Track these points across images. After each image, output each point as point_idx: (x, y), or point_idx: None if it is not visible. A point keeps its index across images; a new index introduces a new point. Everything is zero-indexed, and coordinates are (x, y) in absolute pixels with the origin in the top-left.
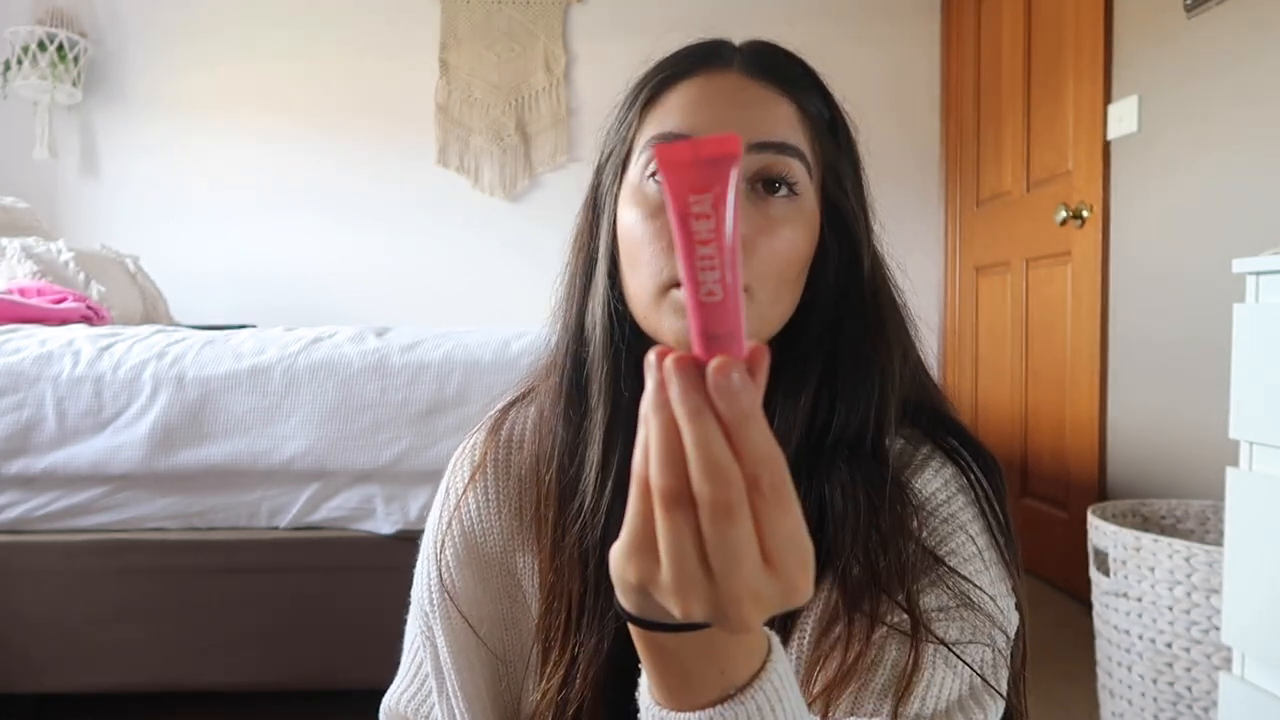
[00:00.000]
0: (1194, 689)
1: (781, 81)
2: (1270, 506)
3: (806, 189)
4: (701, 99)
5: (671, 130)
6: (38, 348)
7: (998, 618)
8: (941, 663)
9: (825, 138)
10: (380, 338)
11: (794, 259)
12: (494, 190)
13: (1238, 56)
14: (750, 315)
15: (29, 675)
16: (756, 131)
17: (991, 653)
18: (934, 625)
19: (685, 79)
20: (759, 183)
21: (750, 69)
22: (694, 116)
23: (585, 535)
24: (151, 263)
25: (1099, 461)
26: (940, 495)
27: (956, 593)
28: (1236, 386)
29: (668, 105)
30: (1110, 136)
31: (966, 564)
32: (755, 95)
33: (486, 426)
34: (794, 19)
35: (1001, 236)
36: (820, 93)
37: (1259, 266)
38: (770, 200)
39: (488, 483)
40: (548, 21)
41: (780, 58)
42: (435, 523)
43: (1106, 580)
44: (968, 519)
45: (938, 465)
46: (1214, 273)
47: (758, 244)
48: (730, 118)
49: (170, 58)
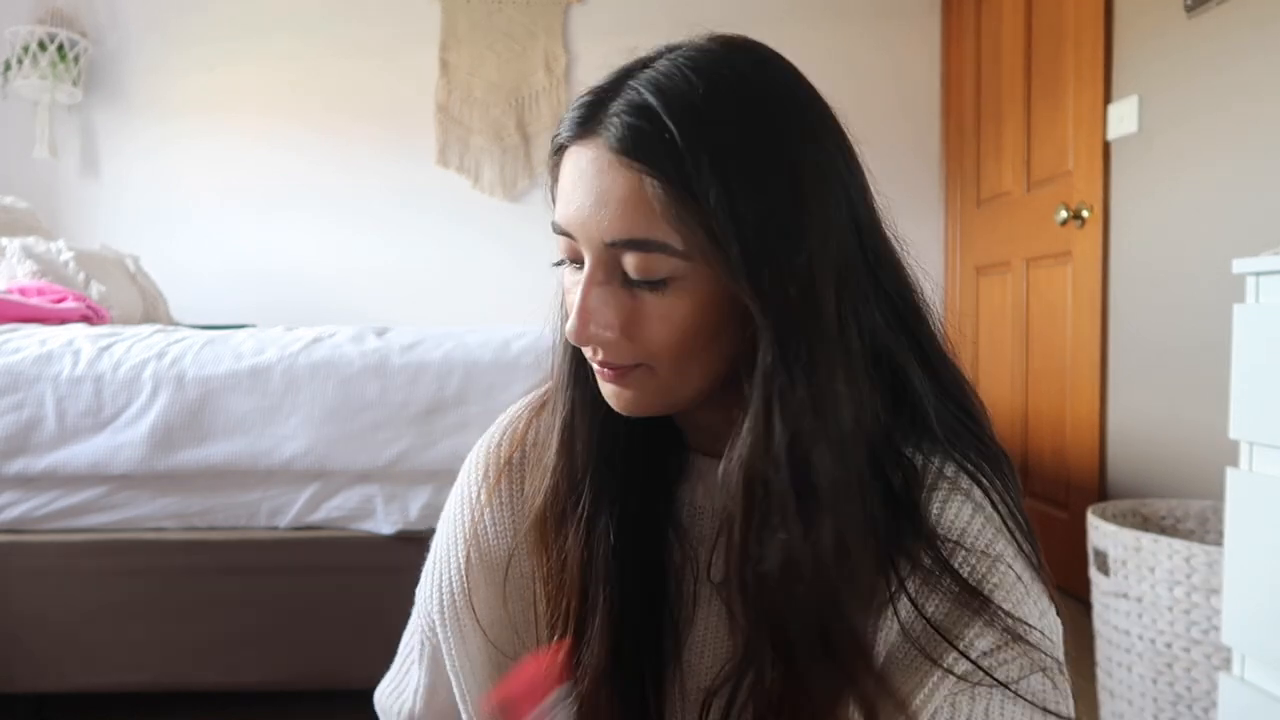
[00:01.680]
0: (1194, 689)
1: (638, 155)
2: (1270, 506)
3: (681, 270)
4: (572, 187)
5: (559, 222)
6: (38, 347)
7: (1045, 645)
8: (1009, 703)
9: (706, 209)
10: (380, 338)
11: (682, 334)
12: (494, 190)
13: (1238, 56)
14: (657, 385)
15: (29, 675)
16: (611, 229)
17: (1048, 680)
18: (993, 669)
19: (568, 148)
20: (626, 277)
21: (611, 141)
22: (568, 207)
23: (580, 532)
24: (151, 263)
25: (1099, 461)
26: (974, 524)
27: (1005, 629)
28: (1236, 386)
29: (560, 183)
30: (1110, 136)
31: (1010, 596)
32: (611, 179)
33: (508, 427)
34: (794, 19)
35: (1001, 236)
36: (704, 149)
37: (1259, 267)
38: (638, 290)
39: (511, 483)
40: (548, 21)
41: (645, 124)
42: (452, 526)
43: (1106, 580)
44: (1002, 547)
45: (967, 485)
46: (1214, 273)
47: (636, 333)
48: (591, 214)
49: (171, 57)
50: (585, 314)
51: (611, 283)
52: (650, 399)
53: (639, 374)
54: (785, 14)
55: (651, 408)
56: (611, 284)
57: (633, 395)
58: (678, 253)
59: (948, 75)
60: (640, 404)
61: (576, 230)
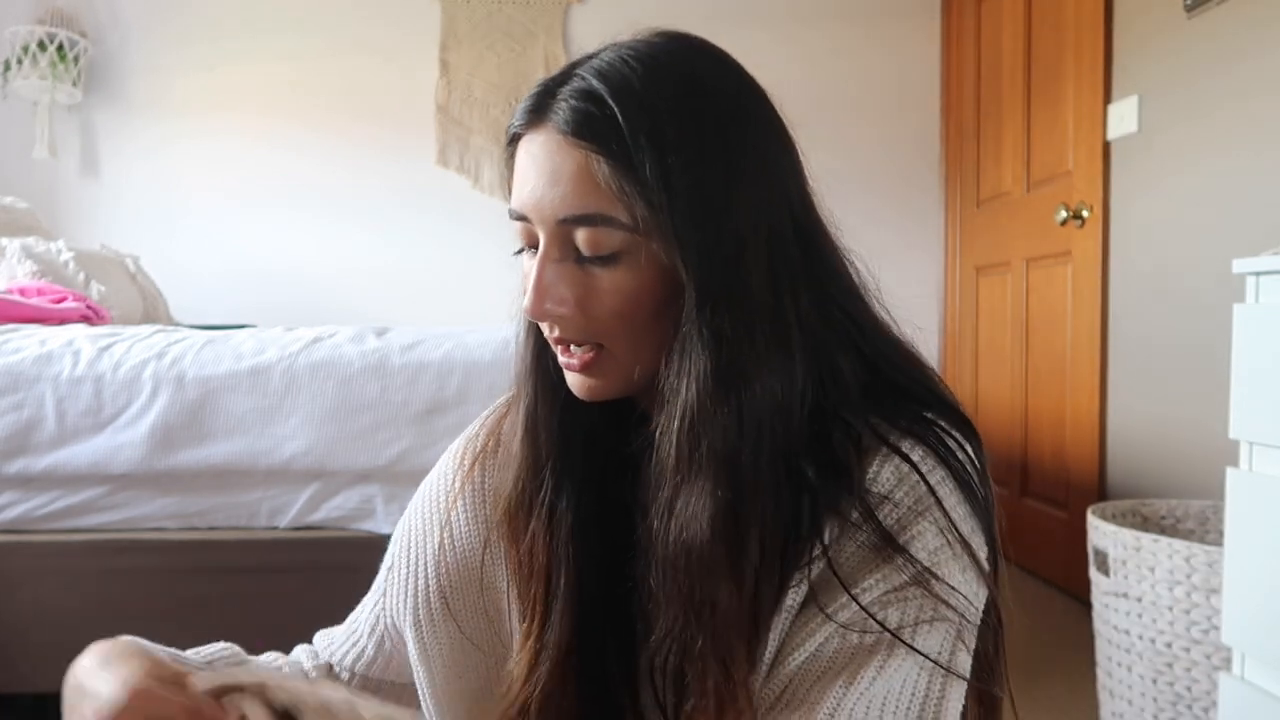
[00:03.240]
0: (1194, 689)
1: (585, 135)
2: (1270, 506)
3: (629, 243)
4: (525, 169)
5: (514, 207)
6: (38, 348)
7: (958, 602)
8: (893, 656)
9: (645, 183)
10: (380, 338)
11: (634, 310)
12: (494, 190)
13: (1238, 56)
14: (615, 365)
15: (29, 675)
16: (561, 206)
17: (950, 633)
18: (882, 612)
19: (521, 137)
20: (579, 254)
21: (560, 123)
22: (521, 190)
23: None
24: (151, 263)
25: (1099, 461)
26: (907, 482)
27: (913, 576)
28: (1236, 387)
29: (515, 175)
30: (1110, 136)
31: (926, 547)
32: (560, 160)
33: (486, 419)
34: (794, 19)
35: (1001, 236)
36: (643, 129)
37: (1259, 267)
38: (591, 266)
39: (485, 472)
40: (548, 21)
41: (590, 106)
42: (427, 512)
43: (1106, 580)
44: (934, 512)
45: (907, 449)
46: (1214, 273)
47: (589, 308)
48: (543, 193)
49: (170, 58)
50: (541, 290)
51: (565, 260)
52: (609, 382)
53: (598, 359)
54: (785, 14)
55: (612, 391)
56: (565, 261)
57: (595, 383)
58: (624, 226)
59: (948, 75)
60: (601, 389)
61: (531, 211)
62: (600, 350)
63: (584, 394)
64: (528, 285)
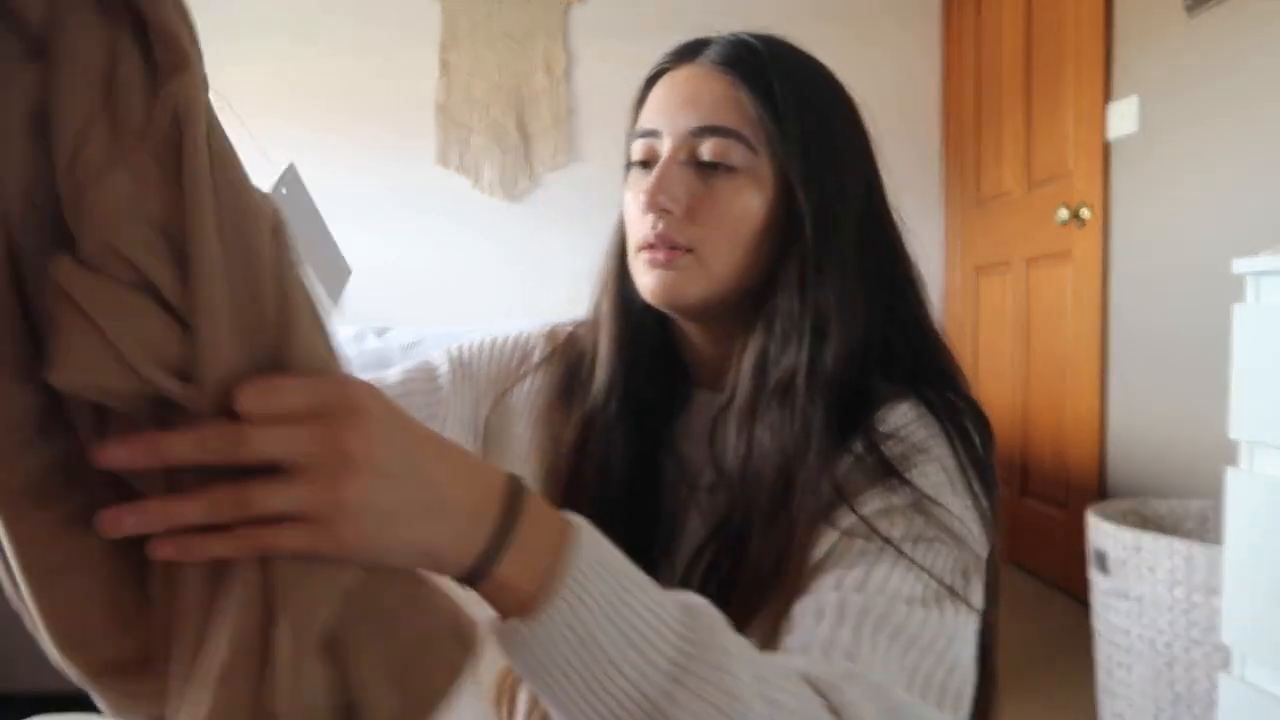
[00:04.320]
0: (1194, 689)
1: (734, 69)
2: (1270, 506)
3: (750, 163)
4: (665, 94)
5: (644, 125)
6: None
7: (958, 529)
8: (888, 557)
9: (774, 116)
10: (380, 337)
11: (738, 222)
12: (494, 190)
13: (1238, 56)
14: (699, 274)
15: (29, 675)
16: (698, 118)
17: (950, 557)
18: (880, 522)
19: (661, 77)
20: (701, 161)
21: (712, 59)
22: (656, 110)
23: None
24: None
25: (1099, 461)
26: (911, 426)
27: (908, 498)
28: (1236, 386)
29: (648, 102)
30: (1110, 136)
31: (929, 482)
32: (705, 85)
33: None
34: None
35: (1001, 236)
36: (783, 74)
37: (1259, 266)
38: (712, 175)
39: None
40: (548, 21)
41: (739, 46)
42: (492, 345)
43: (1106, 580)
44: (938, 451)
45: (912, 403)
46: (1214, 273)
47: (699, 211)
48: (680, 109)
49: None
50: (661, 184)
51: (688, 165)
52: (689, 287)
53: (687, 260)
54: (785, 14)
55: (687, 297)
56: (688, 166)
57: (676, 279)
58: (750, 147)
59: (948, 75)
60: (680, 290)
61: (665, 123)
62: (690, 255)
63: (661, 293)
64: (640, 194)
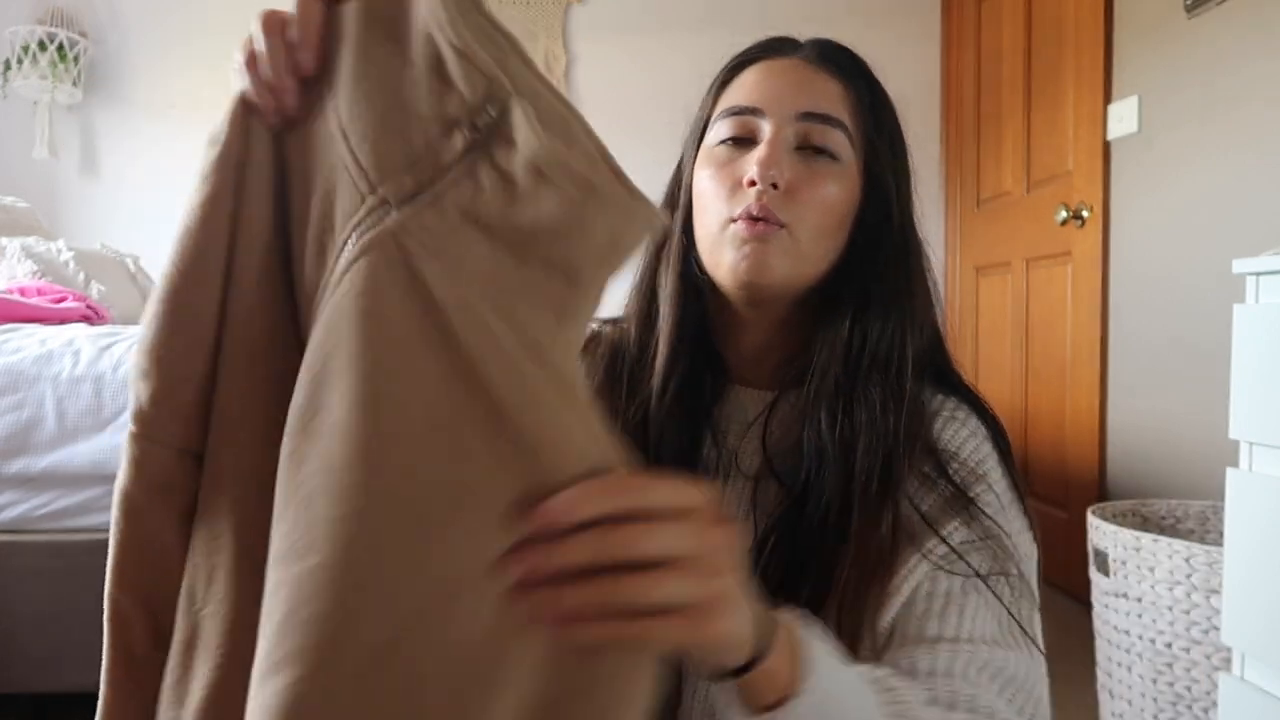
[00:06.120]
0: (1194, 689)
1: (833, 67)
2: (1270, 506)
3: (848, 155)
4: (765, 78)
5: (741, 104)
6: (38, 347)
7: (1016, 555)
8: (973, 591)
9: (869, 117)
10: None
11: (832, 209)
12: None
13: (1238, 56)
14: (791, 251)
15: (29, 675)
16: (807, 104)
17: (1008, 587)
18: (966, 556)
19: (753, 64)
20: (807, 146)
21: (809, 56)
22: (757, 92)
23: (646, 405)
24: (151, 263)
25: (1099, 461)
26: (968, 445)
27: (983, 530)
28: (1236, 387)
29: (738, 85)
30: (1110, 137)
31: (989, 507)
32: (809, 75)
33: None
34: (794, 19)
35: (1001, 236)
36: (867, 80)
37: (1259, 267)
38: (814, 160)
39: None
40: (548, 21)
41: (835, 49)
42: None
43: (1106, 580)
44: (991, 467)
45: (964, 416)
46: (1214, 273)
47: (800, 191)
48: (787, 93)
49: (171, 57)
50: (770, 159)
51: (793, 148)
52: (778, 262)
53: (780, 235)
54: (784, 14)
55: (774, 273)
56: (792, 149)
57: (768, 253)
58: (850, 139)
59: (948, 75)
60: (768, 265)
61: (769, 103)
62: (784, 230)
63: (752, 266)
64: (749, 165)
